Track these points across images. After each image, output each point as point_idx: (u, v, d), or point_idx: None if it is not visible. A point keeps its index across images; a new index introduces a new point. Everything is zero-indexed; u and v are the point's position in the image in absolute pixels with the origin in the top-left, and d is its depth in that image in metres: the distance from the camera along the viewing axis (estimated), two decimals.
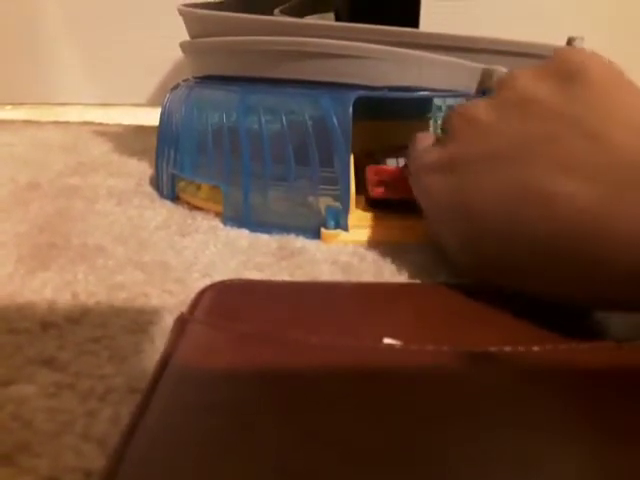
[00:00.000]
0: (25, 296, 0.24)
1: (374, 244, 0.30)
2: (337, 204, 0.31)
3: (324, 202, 0.31)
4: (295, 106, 0.31)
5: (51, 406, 0.17)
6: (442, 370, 0.18)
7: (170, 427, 0.15)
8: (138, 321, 0.23)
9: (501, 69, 0.31)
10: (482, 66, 0.31)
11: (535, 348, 0.18)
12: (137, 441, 0.14)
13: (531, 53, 0.34)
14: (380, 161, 0.34)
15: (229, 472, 0.13)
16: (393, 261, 0.28)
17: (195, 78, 0.38)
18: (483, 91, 0.31)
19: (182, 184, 0.38)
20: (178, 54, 0.40)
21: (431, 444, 0.14)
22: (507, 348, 0.18)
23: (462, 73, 0.31)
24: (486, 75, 0.31)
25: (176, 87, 0.39)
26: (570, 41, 0.39)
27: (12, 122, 0.71)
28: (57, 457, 0.15)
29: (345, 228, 0.31)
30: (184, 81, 0.39)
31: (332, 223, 0.31)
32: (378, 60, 0.30)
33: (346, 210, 0.31)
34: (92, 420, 0.17)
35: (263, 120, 0.32)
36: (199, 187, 0.37)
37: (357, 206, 0.33)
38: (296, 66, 0.31)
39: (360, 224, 0.32)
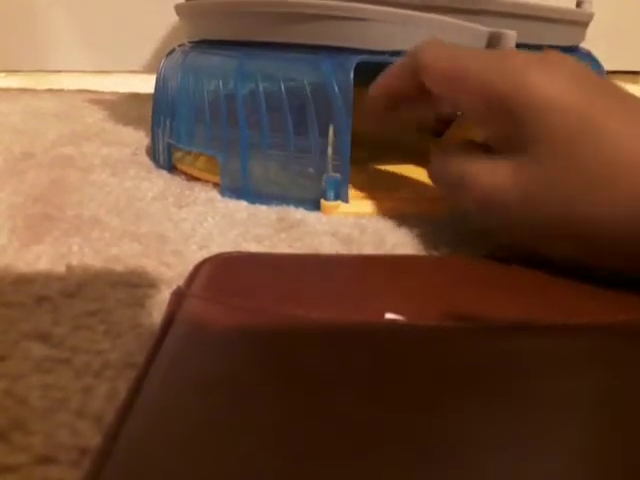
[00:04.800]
0: (19, 269, 0.24)
1: (375, 216, 0.30)
2: (337, 175, 0.30)
3: (324, 172, 0.31)
4: (294, 72, 0.30)
5: (46, 382, 0.17)
6: (445, 346, 0.17)
7: (167, 403, 0.15)
8: (135, 294, 0.22)
9: (509, 33, 0.30)
10: (489, 29, 0.30)
11: (544, 323, 0.18)
12: (133, 418, 0.14)
13: (539, 16, 0.33)
14: None
15: (227, 448, 0.13)
16: (395, 233, 0.28)
17: (191, 43, 0.37)
18: None
19: (179, 154, 0.37)
20: (176, 18, 0.39)
21: (431, 422, 0.14)
22: (513, 323, 0.18)
23: (468, 37, 0.30)
24: (493, 39, 0.30)
25: (171, 52, 0.38)
26: (579, 4, 0.38)
27: (6, 90, 0.70)
28: (52, 435, 0.15)
29: (345, 199, 0.30)
30: (179, 46, 0.38)
31: (332, 194, 0.30)
32: (381, 23, 0.29)
33: (346, 181, 0.30)
34: (88, 396, 0.16)
35: (261, 87, 0.31)
36: (196, 157, 0.36)
37: (357, 177, 0.32)
38: (295, 29, 0.30)
39: (360, 195, 0.31)
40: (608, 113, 0.21)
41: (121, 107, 0.58)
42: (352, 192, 0.31)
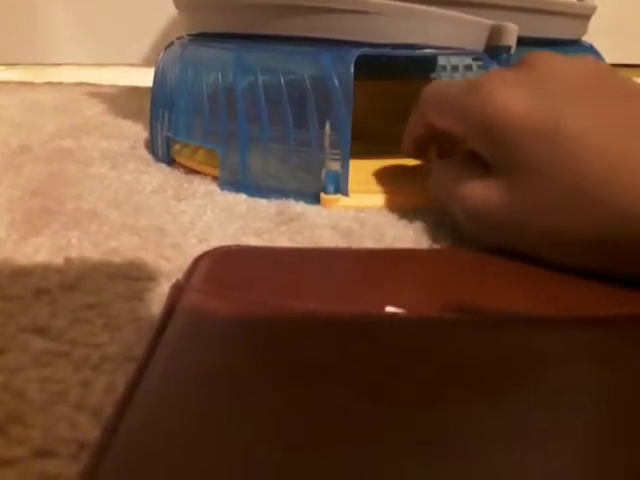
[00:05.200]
0: (17, 262, 0.24)
1: (375, 209, 0.30)
2: (337, 168, 0.30)
3: (324, 166, 0.30)
4: (294, 65, 0.30)
5: (44, 376, 0.17)
6: (445, 339, 0.17)
7: (166, 396, 0.15)
8: (134, 287, 0.22)
9: (510, 26, 0.30)
10: (491, 22, 0.30)
11: (546, 316, 0.18)
12: (132, 411, 0.14)
13: (541, 9, 0.33)
14: None
15: (227, 441, 0.13)
16: (395, 227, 0.28)
17: (189, 36, 0.37)
18: (491, 49, 0.30)
19: (177, 147, 0.37)
20: (175, 11, 0.38)
21: (432, 415, 0.14)
22: (514, 316, 0.18)
23: (470, 30, 0.30)
24: (495, 32, 0.29)
25: (170, 45, 0.38)
26: None
27: (5, 83, 0.70)
28: (50, 428, 0.15)
29: (345, 193, 0.30)
30: (178, 39, 0.38)
31: (332, 188, 0.30)
32: (382, 15, 0.29)
33: (346, 175, 0.30)
34: (86, 390, 0.16)
35: (260, 80, 0.30)
36: (195, 150, 0.36)
37: (357, 171, 0.32)
38: (295, 22, 0.30)
39: (360, 189, 0.31)
40: (575, 125, 0.21)
41: (120, 100, 0.58)
42: (352, 186, 0.31)
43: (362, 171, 0.32)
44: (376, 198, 0.30)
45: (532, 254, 0.22)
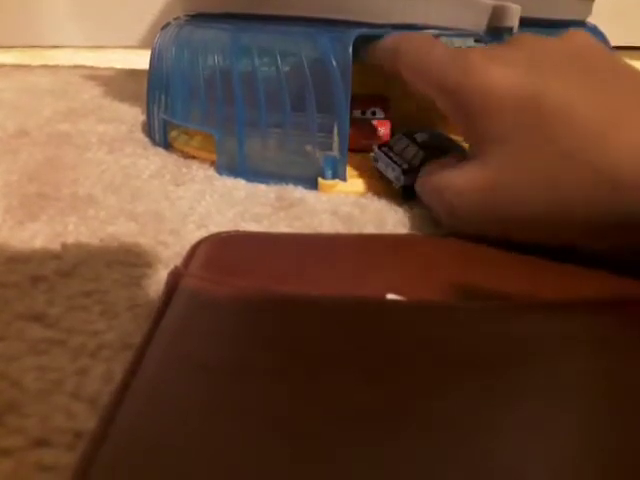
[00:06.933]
0: (14, 248, 0.23)
1: (374, 195, 0.29)
2: (335, 153, 0.30)
3: (322, 151, 0.30)
4: (291, 46, 0.29)
5: (41, 364, 0.17)
6: (446, 326, 0.17)
7: (164, 384, 0.15)
8: (131, 274, 0.22)
9: (513, 6, 0.29)
10: (493, 2, 0.29)
11: (545, 302, 0.18)
12: (129, 401, 0.14)
13: None
14: None
15: (225, 431, 0.13)
16: (396, 212, 0.27)
17: (186, 16, 0.36)
18: (493, 30, 0.29)
19: (174, 133, 0.36)
20: None
21: (432, 407, 0.14)
22: (515, 303, 0.18)
23: (472, 10, 0.29)
24: (498, 13, 0.29)
25: (166, 26, 0.37)
26: None
27: (1, 66, 0.69)
28: (47, 417, 0.15)
29: (343, 178, 0.30)
30: (175, 19, 0.37)
31: (330, 173, 0.30)
32: None
33: (344, 159, 0.30)
34: (83, 378, 0.16)
35: (257, 62, 0.30)
36: (192, 137, 0.36)
37: (355, 156, 0.31)
38: (292, 2, 0.29)
39: (358, 174, 0.31)
40: (559, 98, 0.21)
41: (117, 83, 0.58)
42: (350, 171, 0.30)
43: (360, 156, 0.32)
44: (374, 184, 0.30)
45: (517, 238, 0.22)
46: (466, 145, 0.27)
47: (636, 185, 0.18)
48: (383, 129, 0.33)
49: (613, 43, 0.38)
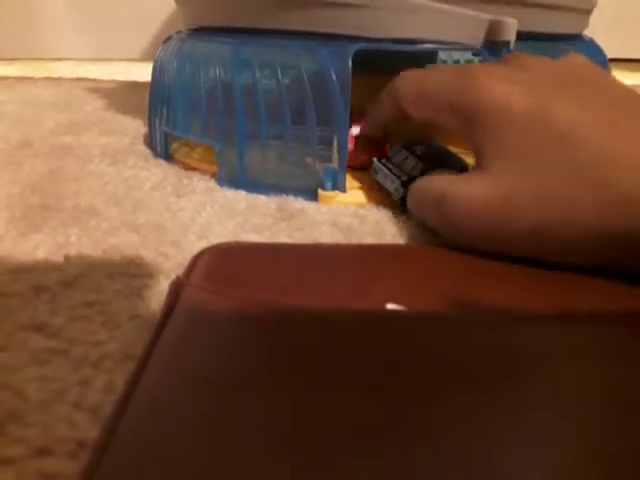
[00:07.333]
0: (16, 259, 0.24)
1: (374, 206, 0.30)
2: (334, 165, 0.30)
3: (321, 162, 0.30)
4: (291, 59, 0.30)
5: (43, 374, 0.17)
6: (447, 337, 0.17)
7: (166, 395, 0.15)
8: (133, 285, 0.22)
9: (509, 21, 0.29)
10: (489, 17, 0.29)
11: (547, 314, 0.18)
12: (132, 410, 0.14)
13: (541, 3, 0.33)
14: None
15: (227, 442, 0.13)
16: (395, 223, 0.28)
17: (188, 30, 0.37)
18: (490, 44, 0.30)
19: (175, 145, 0.37)
20: (174, 5, 0.38)
21: (431, 417, 0.14)
22: (516, 313, 0.18)
23: (468, 24, 0.29)
24: (494, 27, 0.29)
25: (168, 40, 0.38)
26: None
27: (3, 78, 0.70)
28: (49, 427, 0.15)
29: (343, 189, 0.30)
30: (177, 33, 0.37)
31: (329, 184, 0.30)
32: (380, 10, 0.28)
33: (344, 171, 0.30)
34: (85, 388, 0.16)
35: (258, 75, 0.30)
36: (193, 149, 0.36)
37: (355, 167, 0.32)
38: (292, 16, 0.30)
39: (358, 185, 0.31)
40: (564, 114, 0.21)
41: (120, 95, 0.58)
42: (349, 182, 0.31)
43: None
44: (373, 195, 0.30)
45: (518, 253, 0.22)
46: (465, 157, 0.28)
47: None
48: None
49: (610, 56, 0.39)
